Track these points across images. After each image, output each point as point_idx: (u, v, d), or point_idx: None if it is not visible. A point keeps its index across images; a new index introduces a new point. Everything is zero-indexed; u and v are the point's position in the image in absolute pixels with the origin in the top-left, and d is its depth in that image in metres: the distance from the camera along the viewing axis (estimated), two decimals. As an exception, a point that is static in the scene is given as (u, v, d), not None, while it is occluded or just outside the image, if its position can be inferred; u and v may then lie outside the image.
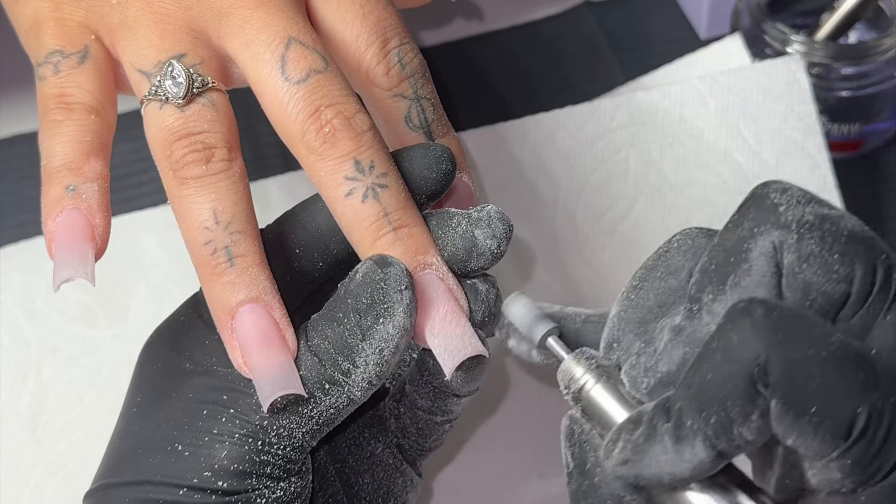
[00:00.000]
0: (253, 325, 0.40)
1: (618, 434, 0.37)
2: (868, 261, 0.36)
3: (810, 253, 0.36)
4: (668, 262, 0.40)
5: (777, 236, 0.36)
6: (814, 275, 0.36)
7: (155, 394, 0.42)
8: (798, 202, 0.37)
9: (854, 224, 0.37)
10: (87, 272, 0.40)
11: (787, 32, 0.66)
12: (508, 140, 0.61)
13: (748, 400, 0.34)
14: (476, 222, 0.42)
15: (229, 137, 0.41)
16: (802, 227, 0.36)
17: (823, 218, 0.36)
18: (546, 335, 0.42)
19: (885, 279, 0.36)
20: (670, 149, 0.62)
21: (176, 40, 0.42)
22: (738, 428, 0.34)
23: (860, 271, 0.36)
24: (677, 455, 0.35)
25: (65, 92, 0.42)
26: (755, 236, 0.37)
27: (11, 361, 0.57)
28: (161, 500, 0.39)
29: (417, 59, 0.46)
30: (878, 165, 0.69)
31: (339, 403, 0.40)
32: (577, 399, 0.39)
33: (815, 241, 0.36)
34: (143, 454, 0.41)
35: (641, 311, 0.39)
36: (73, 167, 0.41)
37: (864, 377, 0.34)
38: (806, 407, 0.33)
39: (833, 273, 0.36)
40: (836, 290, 0.36)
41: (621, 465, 0.36)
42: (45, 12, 0.43)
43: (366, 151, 0.41)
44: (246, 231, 0.41)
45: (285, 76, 0.41)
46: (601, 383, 0.39)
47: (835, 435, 0.34)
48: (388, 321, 0.39)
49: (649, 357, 0.38)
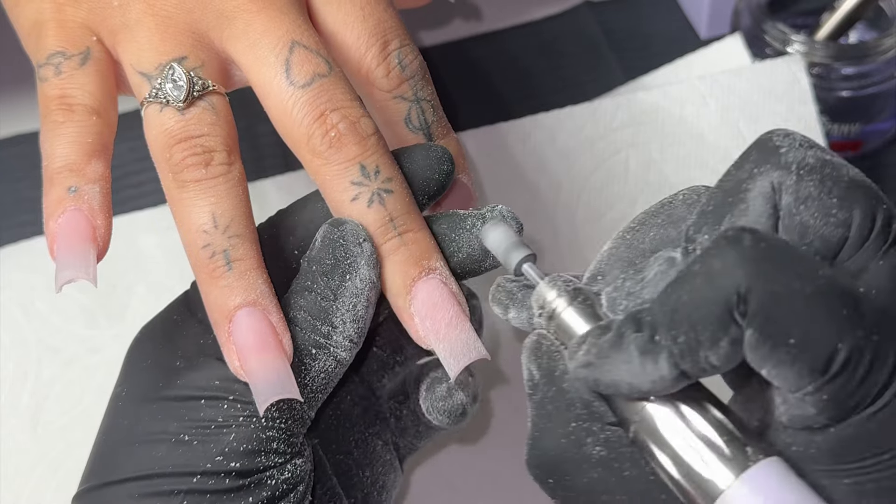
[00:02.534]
0: (250, 328, 0.40)
1: (584, 337, 0.37)
2: (867, 207, 0.35)
3: (808, 195, 0.35)
4: (670, 211, 0.39)
5: (777, 177, 0.36)
6: (811, 217, 0.35)
7: (145, 391, 0.42)
8: (801, 145, 0.36)
9: (856, 172, 0.36)
10: (89, 273, 0.40)
11: (787, 32, 0.66)
12: (508, 140, 0.61)
13: (720, 326, 0.33)
14: (487, 220, 0.43)
15: (229, 141, 0.42)
16: (802, 169, 0.36)
17: (825, 163, 0.36)
18: (522, 261, 0.41)
19: (884, 227, 0.35)
20: (670, 149, 0.62)
21: (177, 43, 0.42)
22: (704, 351, 0.34)
23: (859, 217, 0.35)
24: (640, 367, 0.35)
25: (66, 93, 0.42)
26: (754, 177, 0.36)
27: (11, 361, 0.57)
28: (174, 489, 0.40)
29: (417, 61, 0.46)
30: (878, 165, 0.69)
31: (327, 367, 0.41)
32: (550, 319, 0.39)
33: (815, 183, 0.35)
34: (143, 448, 0.41)
35: (634, 252, 0.39)
36: (74, 168, 0.41)
37: (847, 314, 0.33)
38: (784, 338, 0.33)
39: (831, 216, 0.35)
40: (833, 234, 0.35)
41: (583, 368, 0.36)
42: (46, 13, 0.44)
43: (371, 156, 0.41)
44: (244, 235, 0.41)
45: (290, 80, 0.41)
46: (574, 305, 0.38)
47: (812, 368, 0.33)
48: (355, 275, 0.41)
49: (634, 283, 0.38)
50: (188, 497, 0.40)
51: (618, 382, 0.35)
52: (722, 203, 0.37)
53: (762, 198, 0.36)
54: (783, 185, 0.36)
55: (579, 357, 0.36)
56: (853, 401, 0.34)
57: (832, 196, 0.35)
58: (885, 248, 0.35)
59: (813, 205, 0.35)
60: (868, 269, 0.35)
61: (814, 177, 0.36)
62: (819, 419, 0.34)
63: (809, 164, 0.36)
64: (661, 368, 0.34)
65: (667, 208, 0.40)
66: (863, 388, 0.33)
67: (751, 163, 0.37)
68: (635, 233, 0.39)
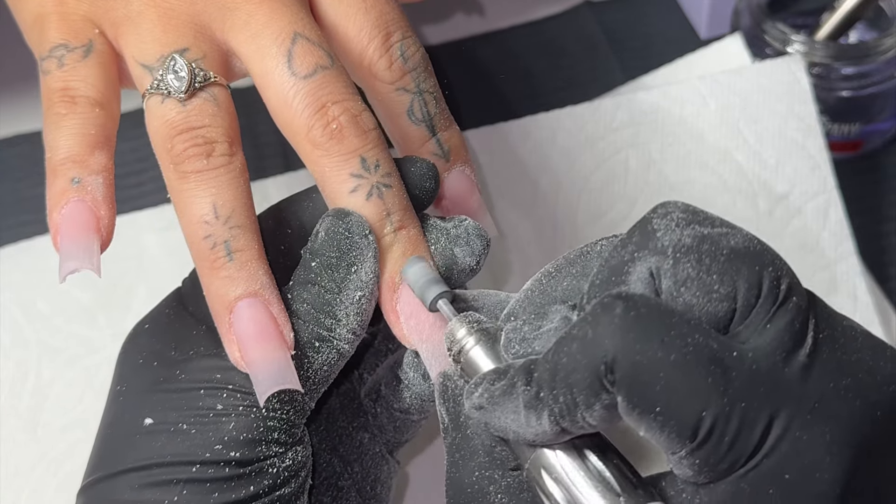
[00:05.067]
0: (251, 319, 0.40)
1: (482, 379, 0.37)
2: (751, 276, 0.35)
3: (687, 276, 0.35)
4: (584, 263, 0.39)
5: (654, 262, 0.36)
6: (693, 297, 0.35)
7: (142, 384, 0.42)
8: (678, 225, 0.36)
9: (738, 240, 0.36)
10: (93, 263, 0.40)
11: (787, 32, 0.66)
12: (509, 140, 0.62)
13: (592, 392, 0.34)
14: (455, 240, 0.43)
15: (230, 132, 0.42)
16: (679, 252, 0.35)
17: (702, 239, 0.35)
18: (437, 297, 0.41)
19: (771, 289, 0.35)
20: (670, 149, 0.62)
21: (179, 34, 0.42)
22: (581, 412, 0.34)
23: (743, 287, 0.35)
24: (525, 419, 0.35)
25: (69, 85, 0.42)
26: (634, 261, 0.36)
27: (11, 361, 0.57)
28: (174, 479, 0.40)
29: (420, 53, 0.46)
30: (878, 165, 0.69)
31: (330, 359, 0.41)
32: (457, 360, 0.39)
33: (692, 264, 0.35)
34: (143, 440, 0.41)
35: (545, 299, 0.39)
36: (77, 160, 0.41)
37: (713, 381, 0.33)
38: (650, 406, 0.33)
39: (713, 293, 0.35)
40: (718, 309, 0.35)
41: (476, 410, 0.37)
42: (49, 6, 0.44)
43: (372, 150, 0.42)
44: (245, 226, 0.41)
45: (292, 71, 0.41)
46: (480, 345, 0.39)
47: (680, 435, 0.33)
48: (361, 268, 0.41)
49: (531, 329, 0.38)
50: (188, 486, 0.40)
51: (506, 429, 0.36)
52: (607, 281, 0.37)
53: (641, 283, 0.36)
54: (661, 270, 0.35)
55: (474, 399, 0.37)
56: (725, 464, 0.34)
57: (711, 273, 0.35)
58: (774, 310, 0.35)
59: (693, 285, 0.35)
60: (755, 334, 0.35)
61: (690, 258, 0.35)
62: (698, 478, 0.35)
63: (686, 245, 0.35)
64: (543, 423, 0.35)
65: (583, 259, 0.39)
66: (732, 451, 0.34)
67: (632, 245, 0.36)
68: (551, 279, 0.39)
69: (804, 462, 0.34)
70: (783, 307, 0.35)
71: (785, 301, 0.35)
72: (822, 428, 0.34)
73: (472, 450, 0.38)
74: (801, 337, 0.35)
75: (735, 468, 0.34)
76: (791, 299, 0.35)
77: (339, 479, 0.46)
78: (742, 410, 0.33)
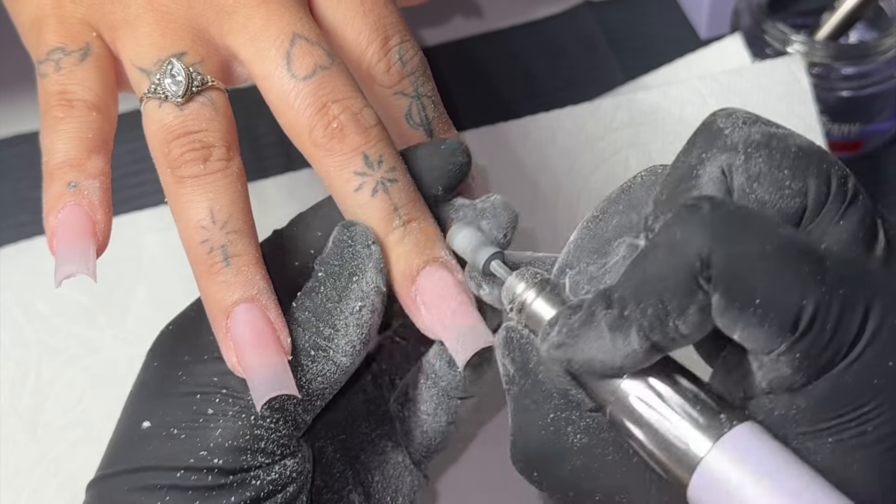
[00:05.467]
0: (248, 325, 0.40)
1: (556, 318, 0.37)
2: (820, 173, 0.35)
3: (759, 171, 0.35)
4: (630, 196, 0.39)
5: (725, 159, 0.36)
6: (765, 192, 0.35)
7: (154, 387, 0.42)
8: (744, 123, 0.36)
9: (803, 140, 0.36)
10: (89, 268, 0.40)
11: (787, 32, 0.66)
12: (509, 140, 0.61)
13: (686, 293, 0.33)
14: (482, 213, 0.43)
15: (228, 137, 0.42)
16: (749, 147, 0.35)
17: (771, 136, 0.36)
18: (489, 259, 0.41)
19: (839, 187, 0.35)
20: (670, 149, 0.61)
21: (176, 38, 0.42)
22: (673, 321, 0.34)
23: (813, 184, 0.35)
24: (612, 343, 0.34)
25: (66, 89, 0.42)
26: (703, 162, 0.36)
27: (11, 361, 0.57)
28: (158, 484, 0.40)
29: (418, 57, 0.46)
30: (878, 165, 0.69)
31: (325, 371, 0.41)
32: (520, 311, 0.39)
33: (764, 159, 0.35)
34: (139, 442, 0.41)
35: (598, 242, 0.39)
36: (74, 164, 0.41)
37: (810, 270, 0.33)
38: (750, 299, 0.33)
39: (785, 189, 0.35)
40: (790, 205, 0.35)
41: (556, 349, 0.36)
42: (46, 9, 0.44)
43: (374, 146, 0.42)
44: (242, 231, 0.41)
45: (291, 72, 0.41)
46: (543, 295, 0.38)
47: (781, 327, 0.33)
48: (361, 278, 0.41)
49: (598, 268, 0.38)
50: (171, 493, 0.40)
51: (591, 360, 0.35)
52: (675, 191, 0.36)
53: (713, 183, 0.36)
54: (732, 167, 0.36)
55: (552, 338, 0.36)
56: (826, 356, 0.33)
57: (783, 168, 0.35)
58: (844, 208, 0.35)
59: (765, 181, 0.35)
60: (830, 230, 0.35)
61: (762, 152, 0.35)
62: (796, 378, 0.34)
63: (755, 141, 0.36)
64: (632, 342, 0.34)
65: (626, 194, 0.39)
66: (834, 342, 0.33)
67: (698, 148, 0.36)
68: (598, 222, 0.39)
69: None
70: (853, 205, 0.35)
71: (854, 199, 0.35)
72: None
73: (545, 393, 0.38)
74: (874, 233, 0.35)
75: (836, 361, 0.34)
76: (859, 198, 0.35)
77: (354, 490, 0.45)
78: (842, 297, 0.33)
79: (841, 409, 0.34)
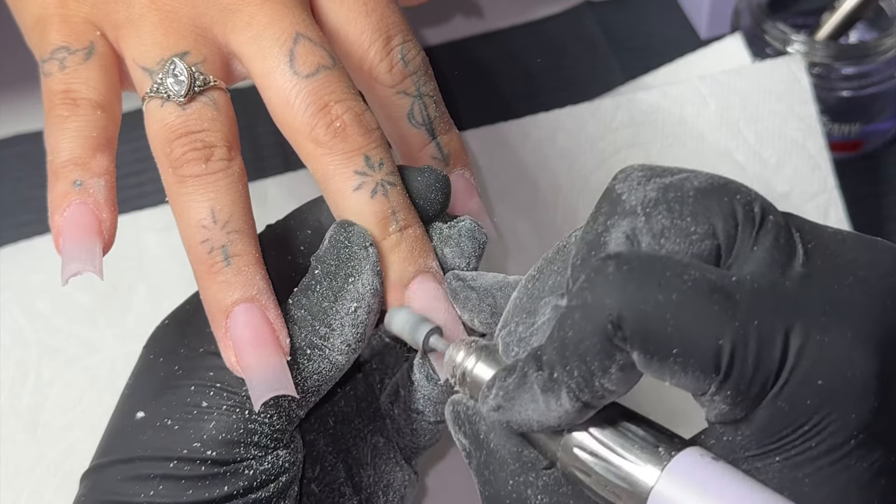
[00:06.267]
0: (247, 324, 0.40)
1: (493, 380, 0.37)
2: (723, 208, 0.35)
3: (663, 228, 0.35)
4: (565, 256, 0.39)
5: (627, 224, 0.36)
6: (674, 245, 0.35)
7: (150, 379, 0.42)
8: (639, 183, 0.36)
9: (701, 180, 0.36)
10: (95, 266, 0.40)
11: (787, 32, 0.66)
12: (509, 140, 0.61)
13: (605, 355, 0.34)
14: (446, 240, 0.43)
15: (229, 136, 0.42)
16: (648, 207, 0.35)
17: (666, 188, 0.36)
18: (427, 336, 0.41)
19: (746, 216, 0.35)
20: (670, 149, 0.62)
21: (179, 38, 0.42)
22: (598, 380, 0.34)
23: (719, 221, 0.35)
24: (545, 405, 0.35)
25: (70, 88, 0.42)
26: (609, 229, 0.36)
27: (11, 361, 0.57)
28: (151, 474, 0.40)
29: (420, 57, 0.46)
30: (878, 165, 0.69)
31: (321, 369, 0.41)
32: (462, 382, 0.39)
33: (664, 214, 0.35)
34: (133, 433, 0.41)
35: (532, 302, 0.39)
36: (79, 162, 0.41)
37: (721, 308, 0.33)
38: (667, 351, 0.33)
39: (692, 235, 0.35)
40: (702, 249, 0.35)
41: (495, 412, 0.36)
42: (50, 8, 0.44)
43: (375, 148, 0.42)
44: (243, 231, 0.41)
45: (294, 70, 0.41)
46: (482, 360, 0.39)
47: (704, 371, 0.33)
48: (357, 279, 0.41)
49: (526, 328, 0.38)
50: (164, 482, 0.40)
51: (528, 421, 0.36)
52: (587, 257, 0.36)
53: (620, 248, 0.36)
54: (636, 230, 0.35)
55: (489, 401, 0.37)
56: (755, 389, 0.34)
57: (684, 217, 0.35)
58: (754, 233, 0.35)
59: (671, 234, 0.35)
60: (747, 259, 0.35)
61: (660, 209, 0.35)
62: (735, 412, 0.34)
63: (652, 199, 0.35)
64: (564, 403, 0.35)
65: (561, 254, 0.39)
66: (759, 374, 0.33)
67: (602, 215, 0.36)
68: (535, 281, 0.39)
69: (833, 363, 0.33)
70: (763, 228, 0.35)
71: (763, 222, 0.35)
72: (840, 327, 0.34)
73: (500, 462, 0.38)
74: (790, 250, 0.35)
75: (767, 389, 0.34)
76: (768, 219, 0.35)
77: (345, 484, 0.46)
78: (756, 329, 0.33)
79: (783, 432, 0.34)
